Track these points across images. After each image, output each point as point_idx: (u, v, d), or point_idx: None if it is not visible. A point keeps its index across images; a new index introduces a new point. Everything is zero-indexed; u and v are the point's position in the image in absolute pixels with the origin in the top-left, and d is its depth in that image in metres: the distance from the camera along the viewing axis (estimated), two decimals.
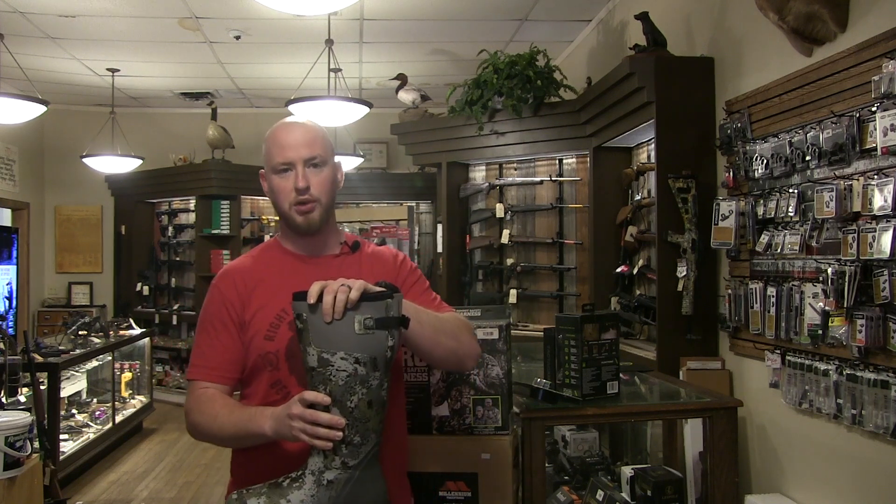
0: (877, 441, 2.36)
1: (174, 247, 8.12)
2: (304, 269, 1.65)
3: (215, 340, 1.62)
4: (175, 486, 4.90)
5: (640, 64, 3.45)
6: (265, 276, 1.65)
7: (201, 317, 1.67)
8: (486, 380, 1.96)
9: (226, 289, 1.64)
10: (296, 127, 1.65)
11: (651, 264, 4.00)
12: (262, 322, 1.60)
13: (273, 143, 1.64)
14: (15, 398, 3.50)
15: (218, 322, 1.62)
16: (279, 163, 1.62)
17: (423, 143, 5.52)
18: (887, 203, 2.22)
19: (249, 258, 1.72)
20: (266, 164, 1.66)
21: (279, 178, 1.63)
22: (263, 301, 1.62)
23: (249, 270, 1.67)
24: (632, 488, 2.61)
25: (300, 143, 1.62)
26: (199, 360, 1.63)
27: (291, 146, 1.62)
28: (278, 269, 1.66)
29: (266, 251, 1.73)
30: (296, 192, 1.61)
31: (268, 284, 1.64)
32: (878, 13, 2.35)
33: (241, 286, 1.63)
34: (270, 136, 1.65)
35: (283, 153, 1.62)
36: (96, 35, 5.76)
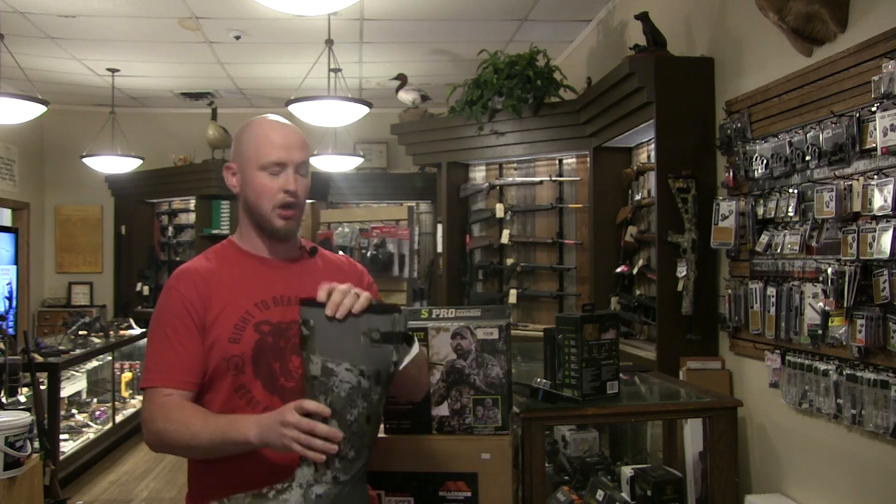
0: (877, 441, 2.36)
1: (174, 247, 8.13)
2: (266, 271, 1.62)
3: (176, 344, 1.53)
4: (175, 486, 4.90)
5: (640, 64, 3.45)
6: (225, 277, 1.59)
7: (157, 320, 1.57)
8: (486, 380, 1.96)
9: (185, 289, 1.56)
10: (289, 128, 1.62)
11: (651, 264, 4.00)
12: (225, 324, 1.54)
13: (264, 139, 1.58)
14: (15, 398, 3.51)
15: (179, 324, 1.54)
16: (272, 161, 1.56)
17: (423, 143, 5.52)
18: (887, 203, 2.22)
19: (205, 259, 1.65)
20: (248, 158, 1.59)
21: (266, 176, 1.57)
22: (226, 302, 1.56)
23: (208, 271, 1.60)
24: (632, 488, 2.61)
25: (295, 145, 1.59)
26: (157, 365, 1.53)
27: (287, 147, 1.58)
28: (238, 270, 1.61)
29: (222, 252, 1.67)
30: (285, 193, 1.57)
31: (229, 285, 1.58)
32: (878, 13, 2.35)
33: (201, 287, 1.56)
34: (259, 132, 1.59)
35: (278, 152, 1.57)
36: (96, 35, 5.76)
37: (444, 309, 2.04)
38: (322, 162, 7.07)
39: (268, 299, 1.59)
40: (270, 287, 1.59)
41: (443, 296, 5.31)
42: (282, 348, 1.58)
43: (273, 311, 1.58)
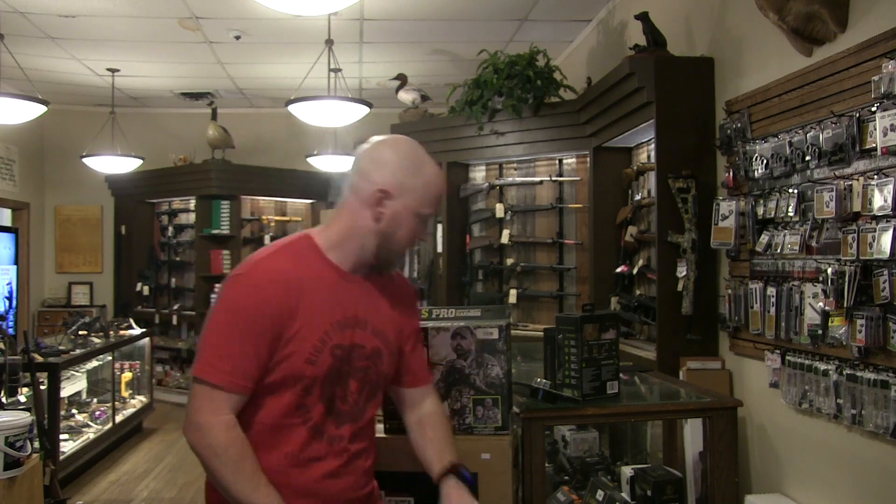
0: (877, 441, 2.36)
1: (174, 247, 8.13)
2: (346, 287, 1.60)
3: (249, 347, 1.48)
4: (175, 486, 4.90)
5: (640, 64, 3.45)
6: (308, 289, 1.54)
7: (235, 313, 1.50)
8: (486, 380, 1.96)
9: (273, 296, 1.50)
10: (443, 182, 1.67)
11: (651, 264, 4.00)
12: (305, 343, 1.52)
13: (433, 191, 1.60)
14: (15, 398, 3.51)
15: (258, 328, 1.48)
16: (428, 213, 1.60)
17: (423, 143, 5.47)
18: (887, 203, 2.22)
19: (290, 261, 1.56)
20: (412, 198, 1.56)
21: (417, 221, 1.59)
22: (309, 318, 1.52)
23: (295, 280, 1.53)
24: (632, 488, 2.61)
25: (439, 203, 1.66)
26: (225, 363, 1.47)
27: (438, 204, 1.63)
28: (320, 281, 1.56)
29: (306, 257, 1.58)
30: (415, 241, 1.62)
31: (312, 299, 1.54)
32: (878, 13, 2.35)
33: (292, 298, 1.51)
34: (430, 179, 1.59)
35: (434, 205, 1.61)
36: (96, 35, 5.76)
37: (444, 309, 2.04)
38: (322, 162, 7.07)
39: (343, 319, 1.57)
40: (348, 305, 1.58)
41: (443, 296, 5.31)
42: (345, 372, 1.58)
43: (346, 333, 1.58)
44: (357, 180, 1.59)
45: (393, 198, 1.56)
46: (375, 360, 1.63)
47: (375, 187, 1.55)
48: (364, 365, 1.61)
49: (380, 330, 1.63)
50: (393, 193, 1.55)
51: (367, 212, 1.57)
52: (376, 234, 1.57)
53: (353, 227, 1.59)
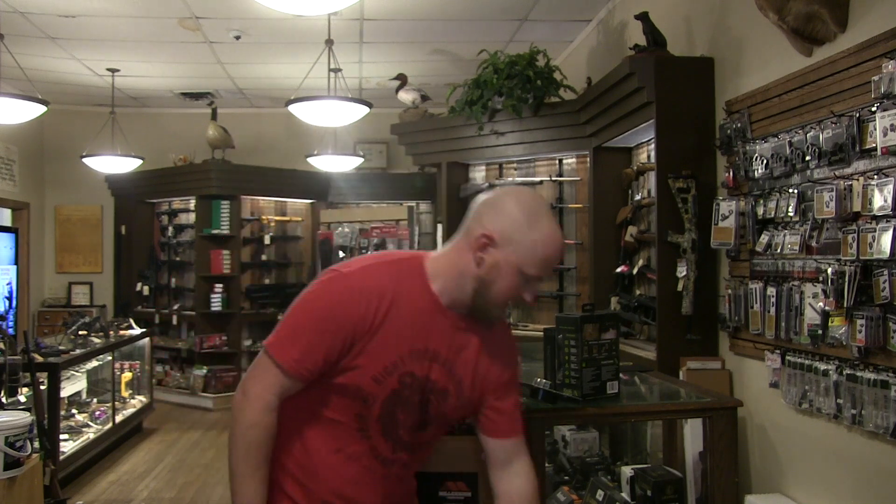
0: (877, 441, 2.36)
1: (174, 247, 8.13)
2: (439, 319, 1.57)
3: (321, 343, 1.49)
4: (175, 486, 4.90)
5: (640, 64, 3.45)
6: (399, 310, 1.52)
7: (322, 307, 1.51)
8: None
9: (362, 306, 1.49)
10: (562, 247, 1.58)
11: (651, 264, 4.00)
12: (378, 360, 1.51)
13: (542, 253, 1.51)
14: (15, 398, 3.51)
15: (336, 330, 1.49)
16: (533, 275, 1.52)
17: (423, 143, 5.52)
18: (887, 203, 2.21)
19: (393, 278, 1.54)
20: (517, 255, 1.50)
21: (520, 279, 1.52)
22: (387, 339, 1.51)
23: (389, 297, 1.52)
24: (632, 488, 2.61)
25: (551, 267, 1.59)
26: (294, 349, 1.50)
27: (548, 267, 1.55)
28: (413, 306, 1.54)
29: (410, 277, 1.56)
30: (519, 300, 1.55)
31: (398, 322, 1.52)
32: (878, 13, 2.35)
33: (379, 313, 1.50)
34: (542, 241, 1.50)
35: (541, 268, 1.52)
36: (96, 35, 5.77)
37: None
38: (322, 162, 7.07)
39: (422, 350, 1.56)
40: (432, 338, 1.56)
41: None
42: (413, 402, 1.58)
43: (422, 364, 1.56)
44: (471, 221, 1.57)
45: (497, 246, 1.51)
46: (440, 400, 1.60)
47: (482, 231, 1.52)
48: (428, 399, 1.59)
49: (456, 373, 1.60)
50: (498, 242, 1.51)
51: (470, 254, 1.53)
52: (474, 279, 1.54)
53: (456, 266, 1.56)
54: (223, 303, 7.54)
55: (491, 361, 1.63)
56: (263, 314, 7.77)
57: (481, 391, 1.64)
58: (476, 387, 1.63)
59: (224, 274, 7.55)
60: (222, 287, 7.54)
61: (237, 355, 7.61)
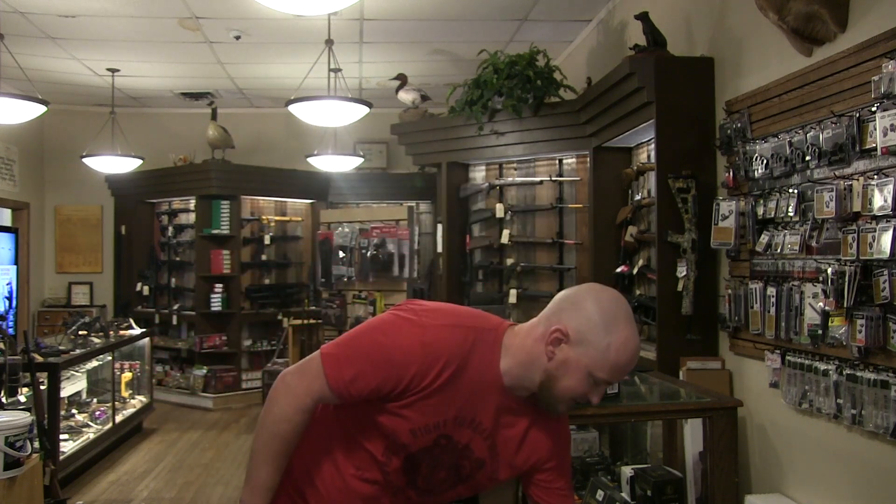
0: (877, 441, 2.36)
1: (174, 247, 8.13)
2: (492, 394, 1.55)
3: (374, 377, 1.48)
4: (175, 486, 4.90)
5: (640, 64, 3.45)
6: (461, 380, 1.50)
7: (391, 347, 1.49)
8: None
9: (428, 366, 1.47)
10: (636, 355, 1.53)
11: (651, 264, 4.00)
12: (422, 417, 1.51)
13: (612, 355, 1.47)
14: (15, 398, 3.51)
15: (394, 372, 1.48)
16: (604, 378, 1.50)
17: (423, 143, 5.52)
18: (887, 203, 2.21)
19: (466, 347, 1.51)
20: (587, 355, 1.48)
21: (588, 381, 1.50)
22: (441, 401, 1.50)
23: (457, 364, 1.49)
24: (632, 488, 2.61)
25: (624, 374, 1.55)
26: (348, 369, 1.49)
27: (621, 373, 1.52)
28: (478, 377, 1.52)
29: (485, 348, 1.54)
30: (582, 400, 1.54)
31: (457, 389, 1.50)
32: (878, 13, 2.35)
33: (442, 377, 1.48)
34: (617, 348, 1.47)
35: (612, 374, 1.50)
36: (96, 35, 5.76)
37: None
38: (322, 162, 7.07)
39: (468, 419, 1.55)
40: (481, 410, 1.55)
41: (443, 296, 5.31)
42: (443, 462, 1.59)
43: (462, 432, 1.56)
44: (551, 312, 1.55)
45: (570, 344, 1.49)
46: (474, 467, 1.61)
47: (557, 326, 1.50)
48: (461, 464, 1.60)
49: (496, 447, 1.59)
50: (571, 339, 1.49)
51: (543, 345, 1.52)
52: (543, 371, 1.52)
53: (529, 353, 1.53)
54: (223, 303, 7.54)
55: (537, 445, 1.62)
56: (263, 314, 7.77)
57: (524, 469, 1.64)
58: (515, 466, 1.62)
59: (224, 274, 7.55)
60: (222, 287, 7.55)
61: (237, 355, 7.61)
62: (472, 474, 1.61)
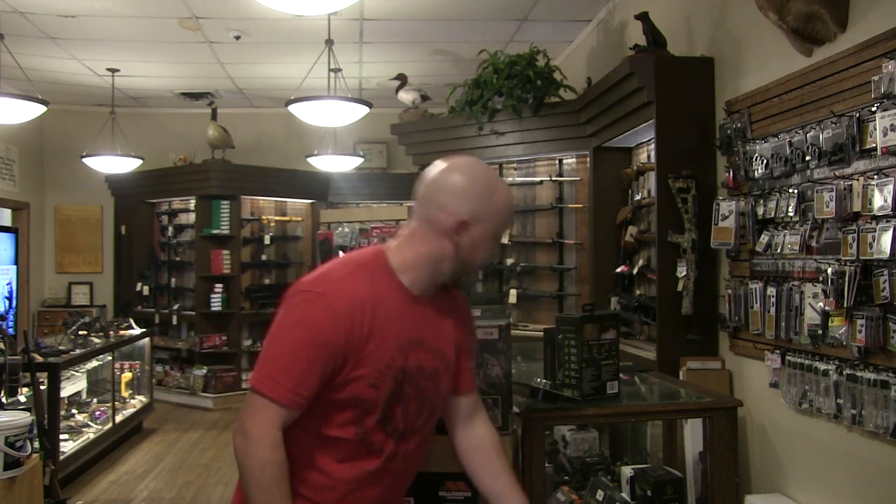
0: (877, 441, 2.36)
1: (174, 247, 8.13)
2: (413, 309, 1.59)
3: (314, 368, 1.46)
4: (175, 486, 4.90)
5: (640, 64, 3.45)
6: (380, 313, 1.52)
7: (308, 333, 1.47)
8: (486, 380, 1.96)
9: (349, 321, 1.48)
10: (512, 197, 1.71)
11: (651, 264, 4.00)
12: (372, 366, 1.51)
13: (506, 214, 1.60)
14: (15, 398, 3.51)
15: (329, 350, 1.47)
16: (503, 231, 1.64)
17: (423, 143, 5.52)
18: (887, 203, 2.22)
19: (366, 284, 1.53)
20: (491, 223, 1.56)
21: (494, 242, 1.62)
22: (379, 342, 1.52)
23: (370, 305, 1.51)
24: (632, 488, 2.61)
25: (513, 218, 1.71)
26: (288, 380, 1.46)
27: (512, 219, 1.70)
28: (389, 304, 1.55)
29: (381, 278, 1.56)
30: (490, 260, 1.66)
31: (382, 324, 1.52)
32: (878, 13, 2.35)
33: (366, 322, 1.50)
34: (503, 203, 1.58)
35: (509, 224, 1.70)
36: (96, 35, 5.76)
37: None
38: (322, 162, 7.07)
39: (406, 342, 1.57)
40: (411, 328, 1.59)
41: None
42: (406, 394, 1.59)
43: (408, 356, 1.58)
44: (431, 210, 1.57)
45: (471, 227, 1.55)
46: (435, 380, 1.64)
47: (453, 218, 1.54)
48: (425, 385, 1.61)
49: (439, 350, 1.64)
50: (471, 221, 1.55)
51: (445, 240, 1.56)
52: (454, 261, 1.58)
53: (430, 255, 1.57)
54: (223, 303, 7.54)
55: (459, 328, 1.71)
56: (263, 314, 7.77)
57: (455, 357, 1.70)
58: (455, 354, 1.69)
59: (224, 274, 7.55)
60: (222, 287, 7.54)
61: (237, 355, 7.61)
62: (436, 388, 1.64)
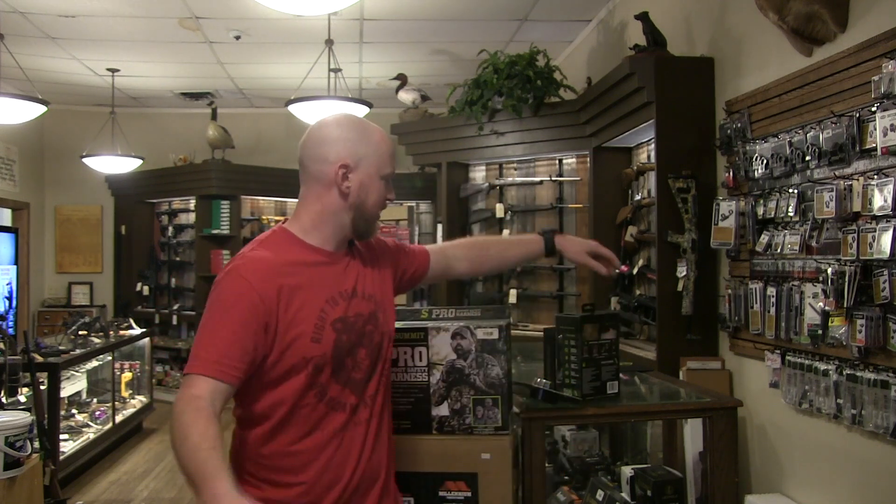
0: (877, 441, 2.36)
1: (174, 247, 8.13)
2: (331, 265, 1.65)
3: (235, 336, 1.47)
4: (175, 486, 4.90)
5: (640, 64, 3.45)
6: (294, 273, 1.57)
7: (216, 307, 1.51)
8: (486, 380, 1.96)
9: (259, 282, 1.51)
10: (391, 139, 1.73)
11: (651, 264, 4.00)
12: (305, 324, 1.54)
13: (385, 150, 1.67)
14: (15, 398, 3.51)
15: (244, 316, 1.48)
16: (390, 172, 1.67)
17: (423, 143, 5.52)
18: (887, 203, 2.21)
19: (272, 251, 1.59)
20: (372, 164, 1.64)
21: (382, 183, 1.67)
22: (302, 302, 1.55)
23: (279, 266, 1.56)
24: (632, 488, 2.61)
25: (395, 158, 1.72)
26: (211, 353, 1.45)
27: (394, 159, 1.69)
28: (304, 265, 1.60)
29: (287, 247, 1.61)
30: (385, 203, 1.69)
31: (300, 282, 1.56)
32: (878, 13, 2.35)
33: (277, 282, 1.53)
34: (380, 141, 1.66)
35: (392, 164, 1.68)
36: (96, 35, 5.76)
37: (444, 309, 2.04)
38: None
39: (335, 295, 1.62)
40: (337, 282, 1.64)
41: (443, 296, 5.31)
42: (353, 343, 1.62)
43: (342, 306, 1.62)
44: (313, 165, 1.64)
45: (354, 170, 1.62)
46: (375, 322, 1.68)
47: (335, 165, 1.61)
48: (368, 329, 1.66)
49: (370, 293, 1.70)
50: (352, 165, 1.62)
51: (334, 190, 1.62)
52: (349, 209, 1.64)
53: (324, 210, 1.63)
54: None
55: (383, 262, 1.79)
56: None
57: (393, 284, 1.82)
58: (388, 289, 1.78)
59: None
60: None
61: None
62: (379, 330, 1.69)
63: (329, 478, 1.58)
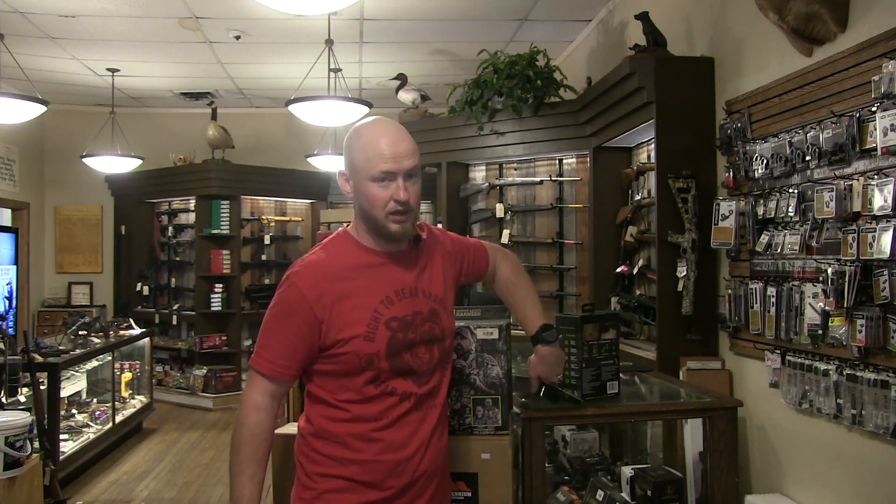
0: (877, 441, 2.36)
1: (174, 247, 8.13)
2: (386, 265, 1.70)
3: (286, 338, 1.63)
4: (175, 486, 4.90)
5: (640, 64, 3.45)
6: (349, 275, 1.66)
7: (275, 312, 1.66)
8: (486, 380, 1.96)
9: (310, 290, 1.62)
10: (396, 135, 1.64)
11: (651, 264, 4.00)
12: (358, 324, 1.62)
13: (373, 151, 1.62)
14: (15, 398, 3.51)
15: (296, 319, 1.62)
16: (381, 172, 1.61)
17: (423, 143, 5.50)
18: (887, 203, 2.22)
19: (330, 254, 1.70)
20: (359, 169, 1.64)
21: (378, 186, 1.62)
22: (356, 302, 1.63)
23: (333, 269, 1.66)
24: (632, 488, 2.61)
25: (403, 155, 1.62)
26: (266, 352, 1.65)
27: (395, 157, 1.61)
28: (360, 265, 1.68)
29: (343, 247, 1.71)
30: (395, 203, 1.62)
31: (355, 283, 1.65)
32: (878, 13, 2.35)
33: (331, 285, 1.63)
34: (368, 141, 1.63)
35: (387, 164, 1.61)
36: (96, 35, 5.76)
37: None
38: (322, 162, 7.07)
39: (392, 294, 1.67)
40: (393, 281, 1.69)
41: None
42: (411, 340, 1.67)
43: (398, 306, 1.67)
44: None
45: (350, 177, 1.68)
46: (436, 318, 1.73)
47: (342, 176, 1.71)
48: (428, 327, 1.70)
49: (429, 291, 1.74)
50: (348, 174, 1.68)
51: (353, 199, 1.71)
52: (359, 213, 1.70)
53: (357, 215, 1.73)
54: (223, 303, 7.54)
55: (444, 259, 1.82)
56: (263, 314, 7.74)
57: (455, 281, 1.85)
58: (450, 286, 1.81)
59: (224, 274, 7.55)
60: (222, 287, 7.55)
61: (237, 355, 7.61)
62: (439, 326, 1.73)
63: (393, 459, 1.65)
